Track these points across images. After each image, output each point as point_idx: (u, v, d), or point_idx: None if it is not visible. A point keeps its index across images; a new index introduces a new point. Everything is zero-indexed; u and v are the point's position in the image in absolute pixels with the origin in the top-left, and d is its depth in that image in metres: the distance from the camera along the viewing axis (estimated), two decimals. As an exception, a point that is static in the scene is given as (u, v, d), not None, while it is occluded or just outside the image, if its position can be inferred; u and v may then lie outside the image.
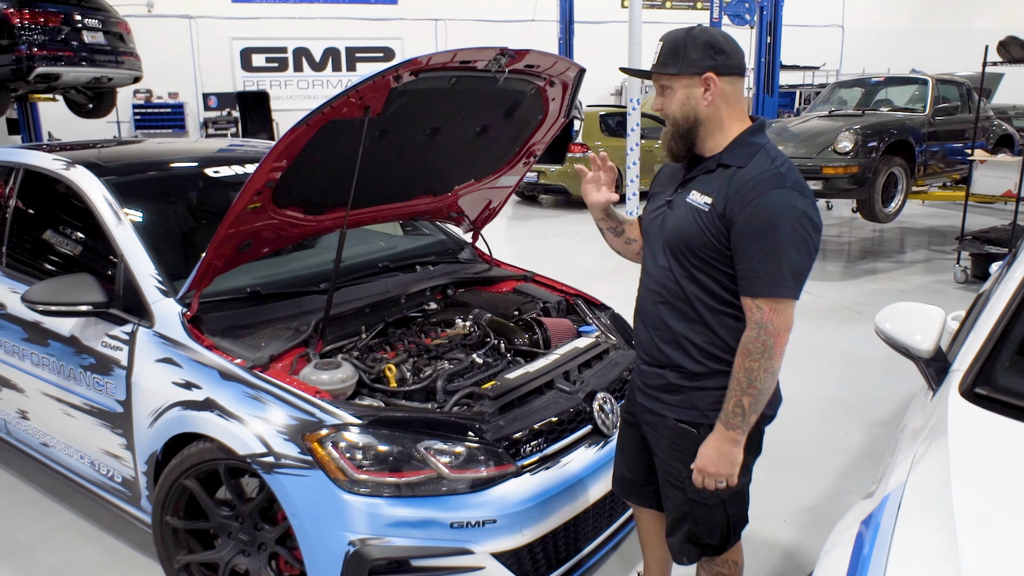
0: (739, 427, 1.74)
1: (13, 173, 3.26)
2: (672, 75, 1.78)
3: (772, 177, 1.70)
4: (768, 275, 1.68)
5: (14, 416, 3.10)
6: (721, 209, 1.73)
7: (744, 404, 1.72)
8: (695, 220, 1.77)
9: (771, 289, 1.68)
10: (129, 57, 9.59)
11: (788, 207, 1.68)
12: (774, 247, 1.67)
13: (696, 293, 1.80)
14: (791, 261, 1.68)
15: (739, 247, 1.71)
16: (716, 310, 1.80)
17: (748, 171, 1.73)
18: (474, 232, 3.59)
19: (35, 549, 2.94)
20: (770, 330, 1.69)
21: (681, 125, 1.81)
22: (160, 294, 2.54)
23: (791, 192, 1.69)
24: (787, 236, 1.67)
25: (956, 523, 1.38)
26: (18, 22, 8.50)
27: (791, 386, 4.45)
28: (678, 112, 1.80)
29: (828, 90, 9.11)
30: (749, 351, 1.70)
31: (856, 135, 6.90)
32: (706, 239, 1.75)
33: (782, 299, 1.69)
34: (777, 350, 1.70)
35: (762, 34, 9.35)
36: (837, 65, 18.75)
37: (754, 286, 1.70)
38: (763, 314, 1.69)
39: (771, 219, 1.67)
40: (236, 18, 15.47)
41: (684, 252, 1.80)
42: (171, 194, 3.24)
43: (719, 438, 1.77)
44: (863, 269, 7.80)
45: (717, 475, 1.78)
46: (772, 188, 1.69)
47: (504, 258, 3.71)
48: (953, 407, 1.74)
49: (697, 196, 1.79)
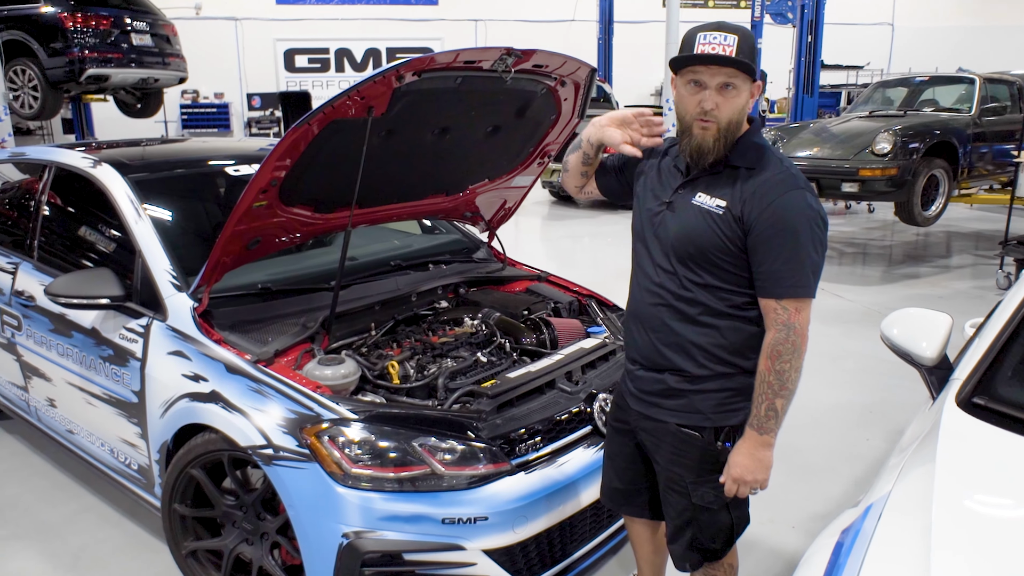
0: (773, 430, 1.75)
1: (46, 170, 3.40)
2: (747, 75, 1.69)
3: (788, 178, 1.72)
4: (791, 276, 1.69)
5: (44, 404, 3.22)
6: (739, 212, 1.72)
7: (777, 406, 1.73)
8: (708, 223, 1.75)
9: (795, 290, 1.70)
10: (175, 58, 9.86)
11: (806, 208, 1.70)
12: (795, 248, 1.68)
13: (704, 296, 1.79)
14: (812, 261, 1.70)
15: (759, 249, 1.71)
16: (724, 313, 1.79)
17: (763, 173, 1.73)
18: (489, 232, 3.61)
19: (60, 531, 3.05)
20: (798, 330, 1.70)
21: (733, 129, 1.74)
22: (174, 289, 2.61)
23: (805, 192, 1.72)
24: (807, 237, 1.69)
25: (932, 534, 1.36)
26: (71, 26, 8.80)
27: (815, 391, 4.44)
28: (736, 115, 1.72)
29: (870, 90, 8.90)
30: (779, 353, 1.71)
31: (895, 136, 6.73)
32: (720, 243, 1.74)
33: (806, 299, 1.71)
34: (804, 349, 1.73)
35: (803, 33, 9.18)
36: (886, 64, 18.30)
37: (778, 288, 1.71)
38: (789, 315, 1.70)
39: (792, 221, 1.68)
40: (280, 20, 15.77)
41: (694, 255, 1.78)
42: (193, 192, 3.33)
43: (753, 444, 1.77)
44: (902, 274, 7.61)
45: (755, 482, 1.79)
46: (789, 189, 1.70)
47: (537, 258, 3.72)
48: (947, 416, 1.70)
49: (706, 199, 1.77)
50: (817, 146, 7.32)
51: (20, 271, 3.27)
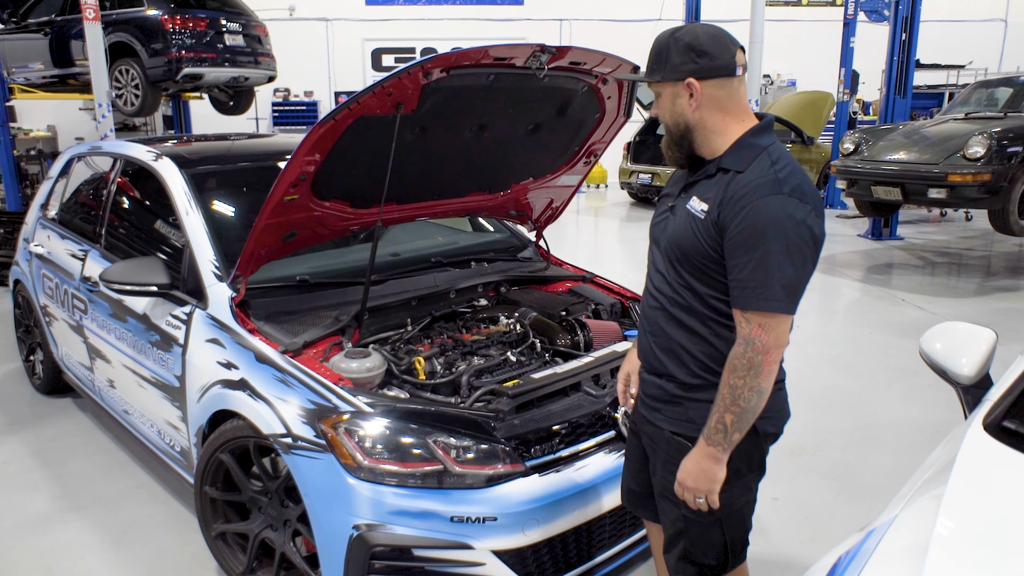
0: (720, 444, 1.65)
1: (115, 163, 3.58)
2: (657, 82, 1.72)
3: (769, 182, 1.59)
4: (757, 288, 1.57)
5: (105, 384, 3.40)
6: (716, 216, 1.64)
7: (726, 421, 1.63)
8: (691, 227, 1.69)
9: (760, 303, 1.58)
10: (265, 58, 10.24)
11: (783, 215, 1.56)
12: (764, 258, 1.56)
13: (692, 302, 1.73)
14: (783, 274, 1.56)
15: (730, 256, 1.61)
16: (712, 320, 1.71)
17: (745, 176, 1.62)
18: (536, 231, 3.58)
19: (114, 505, 3.22)
20: (757, 347, 1.58)
21: (673, 132, 1.75)
22: (215, 279, 2.71)
23: (788, 199, 1.57)
24: (780, 247, 1.55)
25: (926, 561, 1.25)
26: (171, 27, 9.28)
27: (883, 407, 4.20)
28: (668, 119, 1.73)
29: (969, 90, 8.36)
30: (735, 367, 1.61)
31: (990, 139, 6.30)
32: (701, 247, 1.67)
33: (772, 314, 1.58)
34: (765, 368, 1.59)
35: (896, 30, 8.71)
36: (997, 63, 17.15)
37: (743, 299, 1.60)
38: (751, 329, 1.59)
39: (763, 228, 1.56)
40: (369, 20, 16.14)
41: (681, 260, 1.73)
42: (246, 186, 3.44)
43: (700, 453, 1.68)
44: (996, 286, 7.12)
45: (696, 490, 1.70)
46: (767, 195, 1.58)
47: (612, 260, 3.66)
48: (969, 440, 1.56)
49: (696, 202, 1.71)
50: (905, 149, 6.94)
51: (88, 257, 3.47)
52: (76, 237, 3.72)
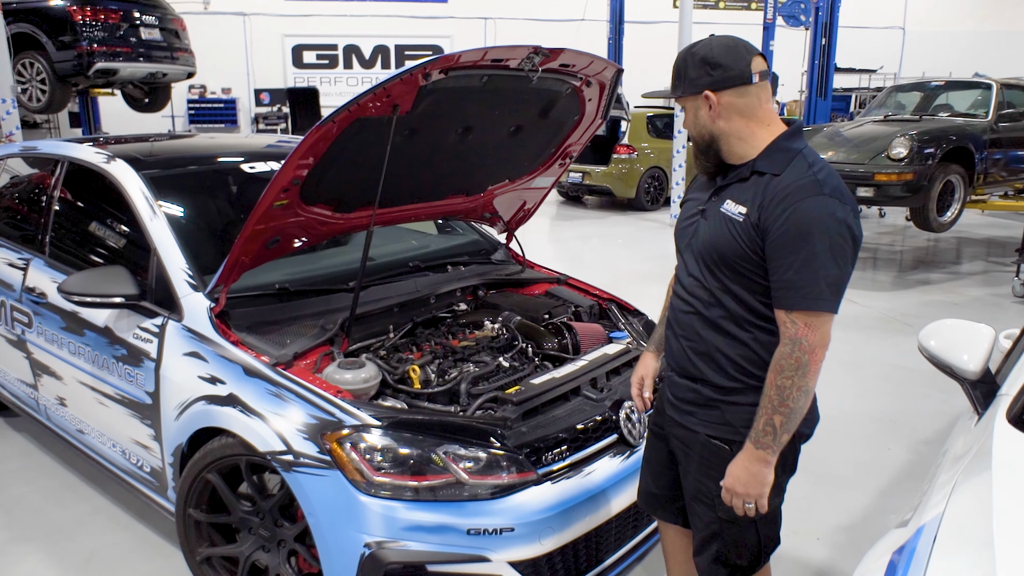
0: (769, 446, 1.67)
1: (58, 165, 3.34)
2: (678, 97, 1.80)
3: (809, 184, 1.62)
4: (804, 287, 1.60)
5: (53, 403, 3.17)
6: (756, 219, 1.66)
7: (775, 423, 1.65)
8: (729, 230, 1.71)
9: (807, 302, 1.60)
10: (184, 53, 9.80)
11: (826, 215, 1.60)
12: (810, 258, 1.59)
13: (730, 305, 1.74)
14: (828, 273, 1.59)
15: (774, 257, 1.64)
16: (750, 323, 1.73)
17: (784, 178, 1.65)
18: (508, 233, 3.55)
19: (70, 533, 3.00)
20: (804, 346, 1.61)
21: (699, 143, 1.81)
22: (190, 288, 2.56)
23: (829, 199, 1.61)
24: (824, 246, 1.59)
25: (996, 557, 1.29)
26: (80, 19, 8.75)
27: (835, 400, 4.37)
28: (693, 131, 1.81)
29: (884, 94, 8.82)
30: (782, 367, 1.63)
31: (911, 141, 6.66)
32: (741, 250, 1.68)
33: (819, 313, 1.61)
34: (812, 367, 1.62)
35: (817, 36, 9.10)
36: (896, 68, 18.20)
37: (789, 299, 1.62)
38: (798, 329, 1.62)
39: (808, 228, 1.59)
40: (288, 15, 15.71)
41: (718, 263, 1.74)
42: (208, 189, 3.27)
43: (748, 457, 1.69)
44: (915, 280, 7.54)
45: (746, 495, 1.71)
46: (809, 195, 1.61)
47: (546, 259, 3.66)
48: (999, 434, 1.63)
49: (731, 205, 1.72)
50: (831, 150, 7.24)
51: (31, 267, 3.22)
52: (12, 245, 3.44)
